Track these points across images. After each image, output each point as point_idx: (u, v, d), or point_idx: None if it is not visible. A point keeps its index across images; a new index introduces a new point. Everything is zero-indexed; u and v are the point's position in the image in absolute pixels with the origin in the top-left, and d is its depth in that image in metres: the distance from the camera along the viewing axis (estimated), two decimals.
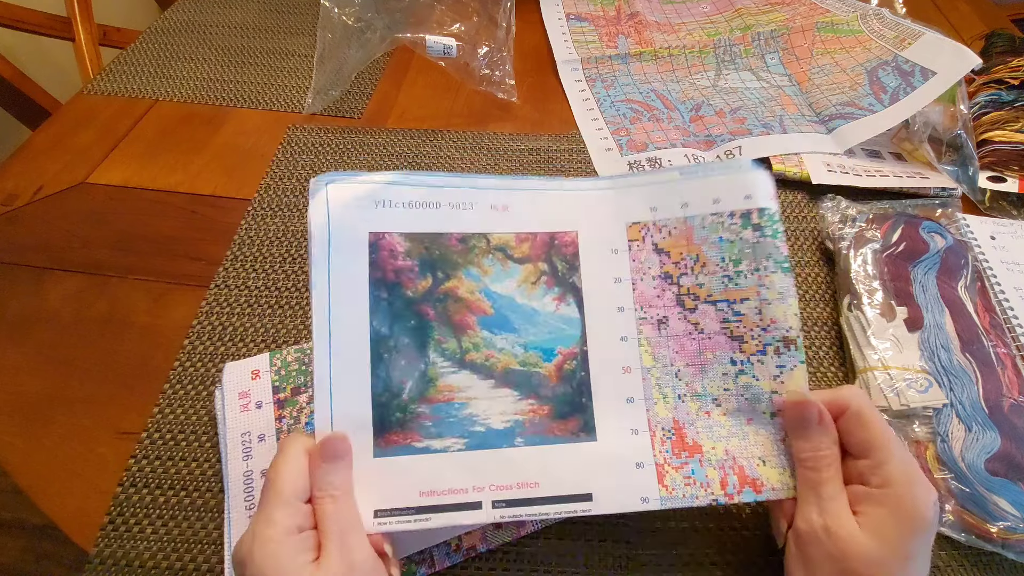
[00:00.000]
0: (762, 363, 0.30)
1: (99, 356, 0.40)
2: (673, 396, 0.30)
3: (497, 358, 0.30)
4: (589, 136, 0.56)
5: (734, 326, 0.30)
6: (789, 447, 0.29)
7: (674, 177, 0.32)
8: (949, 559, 0.33)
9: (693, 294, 0.31)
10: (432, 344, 0.30)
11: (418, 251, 0.30)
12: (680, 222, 0.32)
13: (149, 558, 0.32)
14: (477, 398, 0.29)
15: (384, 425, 0.28)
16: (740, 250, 0.31)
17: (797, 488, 0.28)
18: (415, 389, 0.29)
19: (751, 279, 0.30)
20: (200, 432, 0.36)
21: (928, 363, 0.37)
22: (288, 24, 0.67)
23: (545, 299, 0.31)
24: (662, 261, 0.32)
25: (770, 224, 0.30)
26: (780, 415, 0.29)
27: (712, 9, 0.70)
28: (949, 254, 0.43)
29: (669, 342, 0.31)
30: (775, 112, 0.57)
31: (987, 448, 0.34)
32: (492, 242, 0.31)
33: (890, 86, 0.53)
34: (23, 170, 0.51)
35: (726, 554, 0.33)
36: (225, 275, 0.44)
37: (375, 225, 0.30)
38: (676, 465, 0.29)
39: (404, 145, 0.54)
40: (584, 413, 0.30)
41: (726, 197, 0.31)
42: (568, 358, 0.31)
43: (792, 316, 0.30)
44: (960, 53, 0.50)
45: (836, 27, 0.61)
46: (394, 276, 0.30)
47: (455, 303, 0.30)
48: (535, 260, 0.31)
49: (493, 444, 0.29)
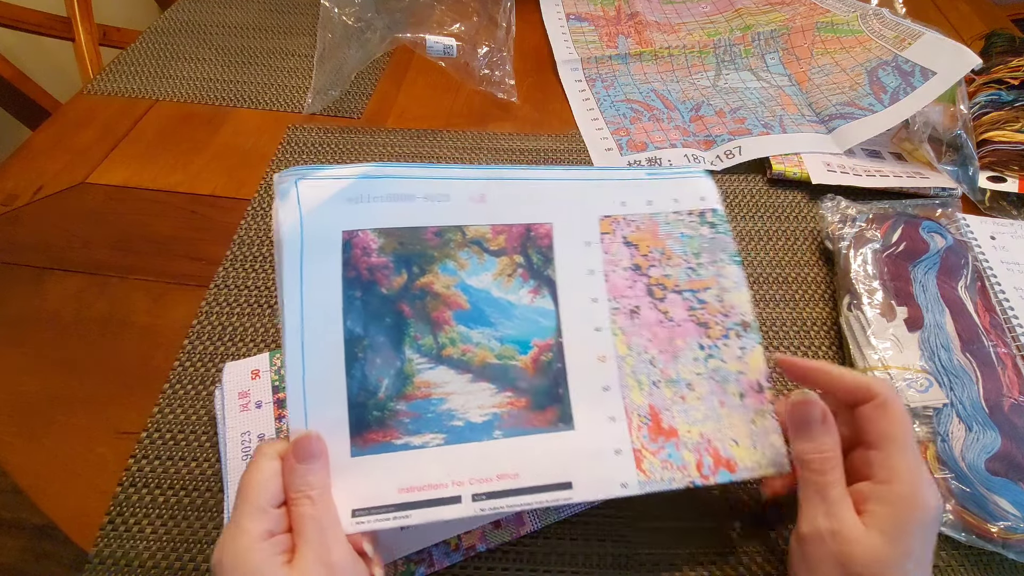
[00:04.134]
0: (727, 346, 0.32)
1: (99, 356, 0.40)
2: (648, 382, 0.31)
3: (474, 352, 0.30)
4: (589, 136, 0.56)
5: (699, 313, 0.32)
6: (760, 428, 0.30)
7: (640, 176, 0.34)
8: (949, 559, 0.33)
9: (661, 284, 0.33)
10: (408, 341, 0.29)
11: (392, 247, 0.30)
12: (647, 218, 0.33)
13: (149, 558, 0.32)
14: (455, 393, 0.29)
15: (361, 424, 0.28)
16: (699, 244, 0.33)
17: (799, 490, 0.28)
18: (392, 387, 0.29)
19: (711, 270, 0.33)
20: (200, 432, 0.36)
21: (928, 363, 0.37)
22: (288, 24, 0.67)
23: (521, 292, 0.31)
24: (632, 253, 0.33)
25: (721, 222, 0.34)
26: (748, 398, 0.31)
27: (712, 9, 0.70)
28: (949, 254, 0.43)
29: (642, 330, 0.32)
30: (775, 112, 0.57)
31: (987, 448, 0.34)
32: (468, 235, 0.31)
33: (890, 86, 0.53)
34: (23, 170, 0.51)
35: (726, 554, 0.33)
36: (225, 275, 0.44)
37: (348, 223, 0.29)
38: (653, 450, 0.30)
39: (404, 145, 0.54)
40: (561, 403, 0.30)
41: (683, 198, 0.34)
42: (544, 350, 0.31)
43: (746, 302, 0.33)
44: (960, 53, 0.50)
45: (836, 27, 0.61)
46: (368, 274, 0.29)
47: (432, 299, 0.30)
48: (511, 253, 0.32)
49: (472, 438, 0.29)
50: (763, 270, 0.46)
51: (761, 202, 0.51)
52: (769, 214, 0.50)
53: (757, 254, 0.47)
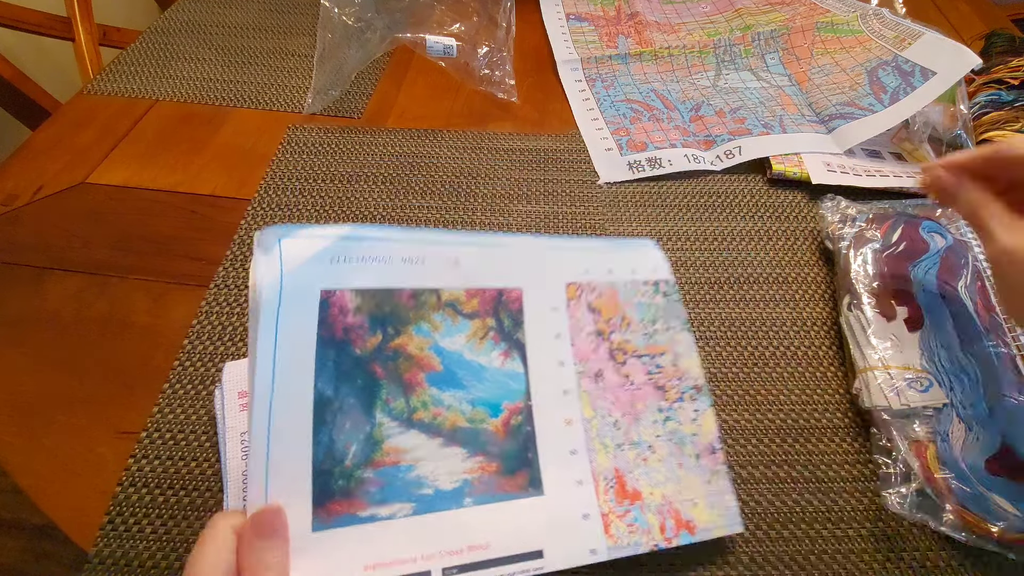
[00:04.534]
0: (682, 408, 0.34)
1: (99, 356, 0.40)
2: (613, 445, 0.32)
3: (445, 416, 0.30)
4: (589, 136, 0.56)
5: (657, 377, 0.34)
6: (715, 488, 0.32)
7: (600, 246, 0.37)
8: (949, 559, 0.33)
9: (623, 349, 0.34)
10: (380, 404, 0.29)
11: (369, 307, 0.30)
12: (608, 285, 0.35)
13: (148, 558, 0.32)
14: (425, 459, 0.29)
15: (325, 494, 0.27)
16: (655, 312, 0.36)
17: (985, 228, 0.32)
18: (360, 453, 0.28)
19: (665, 336, 0.35)
20: (200, 432, 0.36)
21: (928, 363, 0.37)
22: (288, 24, 0.67)
23: (492, 354, 0.32)
24: (595, 319, 0.34)
25: (673, 292, 0.37)
26: (703, 459, 0.33)
27: (712, 9, 0.70)
28: (949, 254, 0.43)
29: (606, 393, 0.33)
30: (775, 112, 0.57)
31: (988, 448, 0.34)
32: (443, 298, 0.32)
33: (890, 86, 0.53)
34: (23, 170, 0.51)
35: (726, 554, 0.33)
36: (225, 275, 0.44)
37: (328, 282, 0.29)
38: (620, 513, 0.30)
39: (404, 145, 0.54)
40: (531, 467, 0.30)
41: (639, 268, 0.37)
42: (514, 413, 0.31)
43: (697, 367, 0.35)
44: (960, 53, 0.50)
45: (836, 27, 0.61)
46: (343, 334, 0.29)
47: (405, 360, 0.30)
48: (483, 315, 0.32)
49: (442, 507, 0.28)
50: (763, 270, 0.46)
51: (761, 202, 0.51)
52: (769, 214, 0.50)
53: (757, 254, 0.47)
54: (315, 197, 0.49)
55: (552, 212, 0.49)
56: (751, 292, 0.44)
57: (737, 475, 0.36)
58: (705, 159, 0.53)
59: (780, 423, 0.38)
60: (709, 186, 0.52)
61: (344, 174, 0.51)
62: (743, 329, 0.42)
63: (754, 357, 0.41)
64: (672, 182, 0.52)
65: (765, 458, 0.36)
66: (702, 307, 0.43)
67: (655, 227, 0.48)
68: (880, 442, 0.35)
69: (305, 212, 0.48)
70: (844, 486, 0.35)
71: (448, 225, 0.48)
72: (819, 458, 0.36)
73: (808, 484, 0.35)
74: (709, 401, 0.34)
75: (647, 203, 0.50)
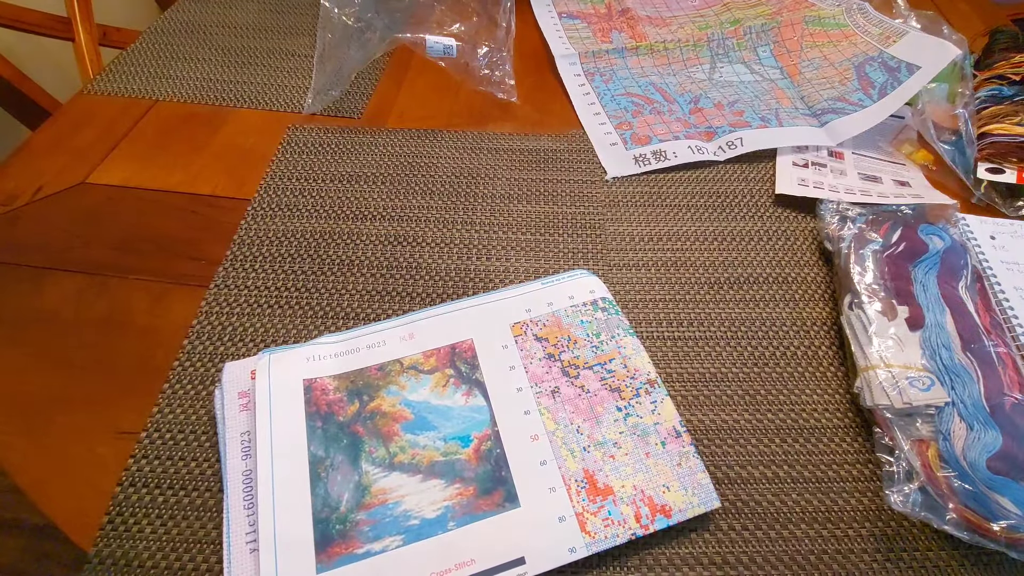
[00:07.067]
0: (640, 403, 0.36)
1: (99, 356, 0.40)
2: (579, 449, 0.34)
3: (422, 455, 0.34)
4: (593, 131, 0.56)
5: (610, 381, 0.37)
6: (685, 470, 0.34)
7: (538, 287, 0.42)
8: (950, 558, 0.33)
9: (573, 364, 0.38)
10: (364, 456, 0.34)
11: (345, 385, 0.36)
12: (550, 316, 0.40)
13: (148, 558, 0.32)
14: (409, 494, 0.32)
15: (326, 539, 0.31)
16: (597, 326, 0.40)
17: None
18: (352, 499, 0.32)
19: (611, 344, 0.39)
20: (200, 432, 0.36)
21: (930, 362, 0.37)
22: (288, 24, 0.67)
23: (456, 396, 0.36)
24: (543, 346, 0.39)
25: (611, 306, 0.41)
26: (669, 444, 0.35)
27: (701, 3, 0.71)
28: (949, 254, 0.43)
29: (565, 406, 0.36)
30: (771, 106, 0.57)
31: (989, 447, 0.33)
32: (405, 364, 0.38)
33: (878, 81, 0.54)
34: (23, 170, 0.51)
35: (726, 554, 0.33)
36: (225, 275, 0.44)
37: (308, 374, 0.36)
38: (594, 510, 0.32)
39: (404, 145, 0.54)
40: (505, 484, 0.33)
41: (577, 293, 0.41)
42: (483, 440, 0.35)
43: (647, 364, 0.38)
44: (942, 47, 0.51)
45: (823, 20, 0.62)
46: (327, 408, 0.35)
47: (381, 418, 0.35)
48: (442, 368, 0.37)
49: (428, 533, 0.31)
50: (763, 270, 0.46)
51: (761, 202, 0.51)
52: (769, 214, 0.50)
53: (757, 254, 0.47)
54: (315, 197, 0.49)
55: (552, 212, 0.49)
56: (751, 292, 0.44)
57: (737, 475, 0.36)
58: (708, 150, 0.53)
59: (780, 423, 0.38)
60: (709, 186, 0.52)
61: (344, 174, 0.51)
62: (743, 329, 0.42)
63: (754, 357, 0.41)
64: (672, 182, 0.52)
65: (765, 458, 0.36)
66: (702, 307, 0.43)
67: (655, 227, 0.48)
68: (882, 441, 0.35)
69: (305, 212, 0.48)
70: (844, 486, 0.35)
71: (448, 225, 0.48)
72: (819, 458, 0.36)
73: (808, 484, 0.35)
74: (664, 392, 0.37)
75: (647, 203, 0.50)
